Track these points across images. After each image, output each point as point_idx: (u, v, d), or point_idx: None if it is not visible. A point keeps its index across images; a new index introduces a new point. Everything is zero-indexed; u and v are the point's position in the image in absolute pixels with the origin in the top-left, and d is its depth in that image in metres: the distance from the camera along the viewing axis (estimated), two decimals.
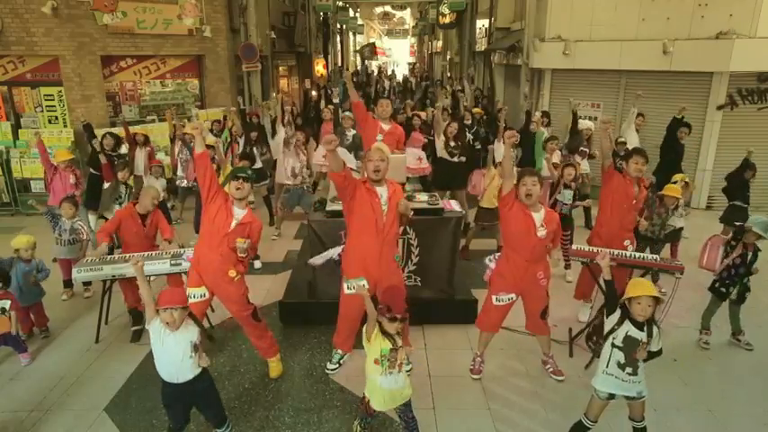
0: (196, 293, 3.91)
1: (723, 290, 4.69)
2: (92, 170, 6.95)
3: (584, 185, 7.11)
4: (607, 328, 3.21)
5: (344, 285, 4.02)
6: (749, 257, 4.56)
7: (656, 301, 3.02)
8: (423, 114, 8.70)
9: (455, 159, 7.21)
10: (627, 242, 4.75)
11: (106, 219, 6.16)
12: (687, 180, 5.78)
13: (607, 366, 3.18)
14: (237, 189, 3.83)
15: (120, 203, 5.90)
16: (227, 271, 3.85)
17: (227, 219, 3.80)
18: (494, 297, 4.10)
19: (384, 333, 3.16)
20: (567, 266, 6.08)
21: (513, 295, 4.08)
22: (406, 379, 3.26)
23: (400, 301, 3.13)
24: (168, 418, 3.32)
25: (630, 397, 3.20)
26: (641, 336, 3.05)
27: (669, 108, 8.20)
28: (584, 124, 7.88)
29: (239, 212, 3.84)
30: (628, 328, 3.10)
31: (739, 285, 4.65)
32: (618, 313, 3.16)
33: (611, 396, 3.22)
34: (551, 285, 4.25)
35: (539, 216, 3.88)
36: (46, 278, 4.91)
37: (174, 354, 3.03)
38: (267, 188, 8.29)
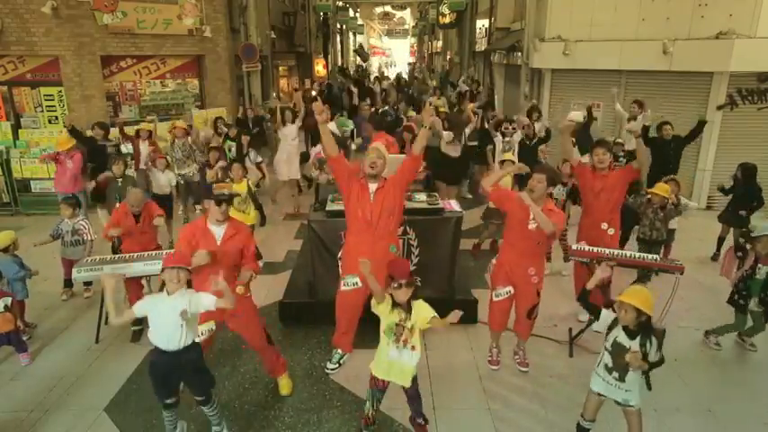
0: (203, 329, 3.69)
1: (741, 302, 4.55)
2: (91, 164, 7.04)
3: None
4: (603, 329, 3.21)
5: (341, 282, 4.09)
6: (759, 269, 4.37)
7: (639, 312, 2.95)
8: (414, 126, 8.28)
9: (453, 155, 7.44)
10: (605, 225, 4.79)
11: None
12: (675, 178, 5.74)
13: (597, 366, 3.21)
14: (222, 214, 3.62)
15: (119, 198, 5.91)
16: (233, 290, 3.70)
17: (212, 241, 3.64)
18: (493, 293, 4.20)
19: (396, 305, 3.25)
20: (567, 259, 6.09)
21: (510, 288, 4.13)
22: (411, 359, 3.30)
23: (403, 268, 3.23)
24: (155, 390, 3.31)
25: (617, 402, 3.18)
26: (630, 344, 3.02)
27: (669, 108, 8.20)
28: (572, 116, 7.78)
29: (218, 231, 3.67)
30: (618, 333, 3.08)
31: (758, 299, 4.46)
32: (612, 315, 3.15)
33: (603, 394, 3.23)
34: (551, 286, 4.26)
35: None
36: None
37: (168, 319, 3.09)
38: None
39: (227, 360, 4.53)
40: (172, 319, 3.07)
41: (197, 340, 3.28)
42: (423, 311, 3.24)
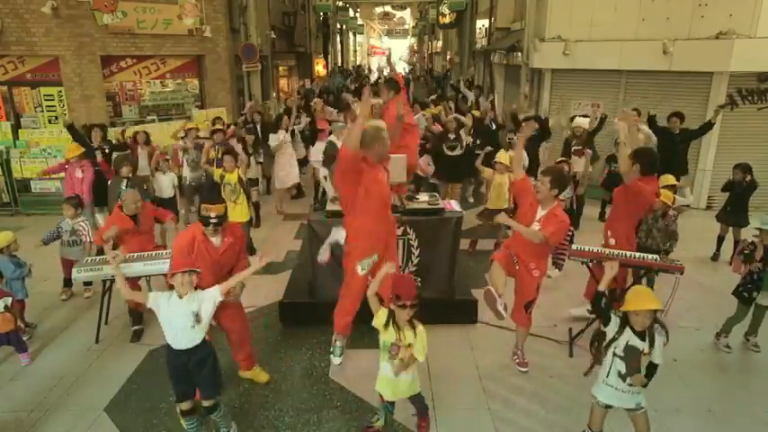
0: None
1: (746, 294, 4.55)
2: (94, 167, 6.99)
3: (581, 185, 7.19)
4: (608, 338, 3.15)
5: (357, 268, 3.89)
6: None
7: (654, 311, 2.95)
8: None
9: (454, 153, 7.61)
10: (609, 232, 4.86)
11: None
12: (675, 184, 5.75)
13: (607, 376, 3.13)
14: (214, 232, 3.68)
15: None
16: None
17: (212, 251, 3.71)
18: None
19: (393, 323, 3.23)
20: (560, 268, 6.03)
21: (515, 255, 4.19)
22: (411, 375, 3.35)
23: (410, 288, 3.20)
24: (173, 390, 3.41)
25: (629, 409, 3.15)
26: (642, 345, 2.99)
27: (669, 108, 8.18)
28: (578, 122, 7.83)
29: (217, 240, 3.74)
30: (628, 336, 3.04)
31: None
32: (617, 322, 3.11)
33: (610, 405, 3.19)
34: (552, 287, 4.25)
35: (540, 213, 4.02)
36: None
37: (180, 321, 3.20)
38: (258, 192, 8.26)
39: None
40: (184, 321, 3.20)
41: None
42: (419, 343, 3.21)
